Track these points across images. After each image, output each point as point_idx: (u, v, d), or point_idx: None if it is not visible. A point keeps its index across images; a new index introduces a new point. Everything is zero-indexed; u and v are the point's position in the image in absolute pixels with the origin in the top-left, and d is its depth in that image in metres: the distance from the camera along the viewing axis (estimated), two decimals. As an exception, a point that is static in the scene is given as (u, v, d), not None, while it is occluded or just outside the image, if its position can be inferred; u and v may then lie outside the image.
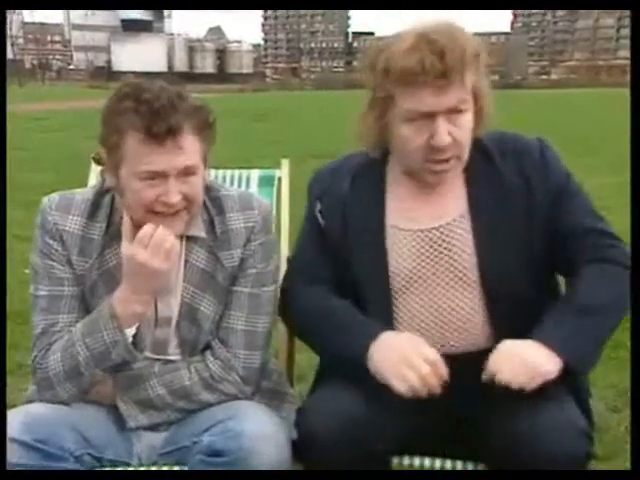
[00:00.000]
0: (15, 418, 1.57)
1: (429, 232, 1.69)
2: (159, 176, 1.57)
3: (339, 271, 1.74)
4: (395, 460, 1.70)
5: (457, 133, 1.60)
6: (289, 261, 1.90)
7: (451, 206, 1.70)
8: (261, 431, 1.56)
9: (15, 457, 1.51)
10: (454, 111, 1.58)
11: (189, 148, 1.58)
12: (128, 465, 1.70)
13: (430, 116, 1.58)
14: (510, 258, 1.65)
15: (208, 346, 1.76)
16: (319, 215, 1.78)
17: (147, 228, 1.60)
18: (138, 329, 1.70)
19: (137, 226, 1.65)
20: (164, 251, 1.60)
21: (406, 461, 1.70)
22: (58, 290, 1.70)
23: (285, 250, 2.21)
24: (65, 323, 1.69)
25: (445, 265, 1.68)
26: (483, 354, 1.54)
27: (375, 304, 1.70)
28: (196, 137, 1.60)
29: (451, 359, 1.56)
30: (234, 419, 1.59)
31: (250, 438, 1.53)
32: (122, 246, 1.66)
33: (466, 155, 1.66)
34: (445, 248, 1.68)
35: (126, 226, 1.68)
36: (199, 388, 1.71)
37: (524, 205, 1.66)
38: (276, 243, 1.88)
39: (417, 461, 1.70)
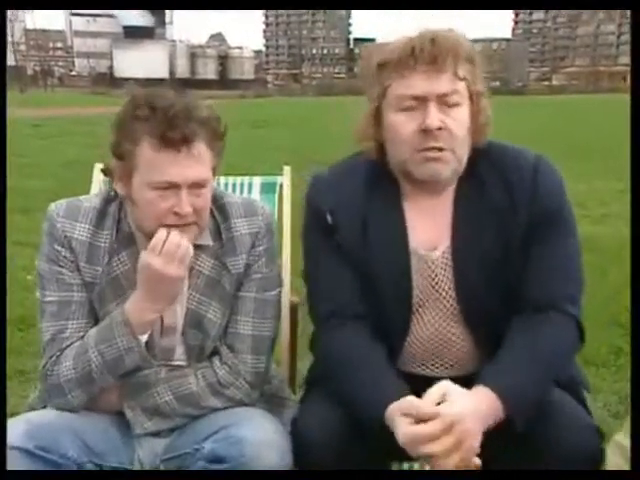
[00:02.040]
0: (16, 426, 1.57)
1: (432, 262, 1.67)
2: (172, 187, 1.58)
3: (359, 280, 1.68)
4: (394, 466, 1.71)
5: (451, 124, 1.58)
6: (307, 283, 1.78)
7: (443, 232, 1.68)
8: (263, 437, 1.56)
9: (17, 465, 1.51)
10: (447, 102, 1.58)
11: (202, 158, 1.59)
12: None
13: (422, 101, 1.57)
14: (485, 293, 1.64)
15: (215, 351, 1.76)
16: (333, 230, 1.69)
17: (160, 234, 1.60)
18: (149, 337, 1.70)
19: (148, 236, 1.66)
20: (178, 257, 1.60)
21: (405, 466, 1.71)
22: (67, 296, 1.69)
23: (287, 256, 2.20)
24: (74, 329, 1.69)
25: (440, 295, 1.68)
26: (472, 378, 1.56)
27: (395, 323, 1.69)
28: (208, 147, 1.60)
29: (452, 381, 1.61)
30: (236, 425, 1.59)
31: (252, 444, 1.54)
32: (141, 257, 1.64)
33: (464, 155, 1.63)
34: (440, 277, 1.67)
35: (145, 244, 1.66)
36: (206, 394, 1.71)
37: (507, 228, 1.63)
38: (277, 248, 1.88)
39: (416, 466, 1.71)
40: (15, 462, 1.51)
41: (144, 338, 1.67)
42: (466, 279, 1.65)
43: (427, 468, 1.50)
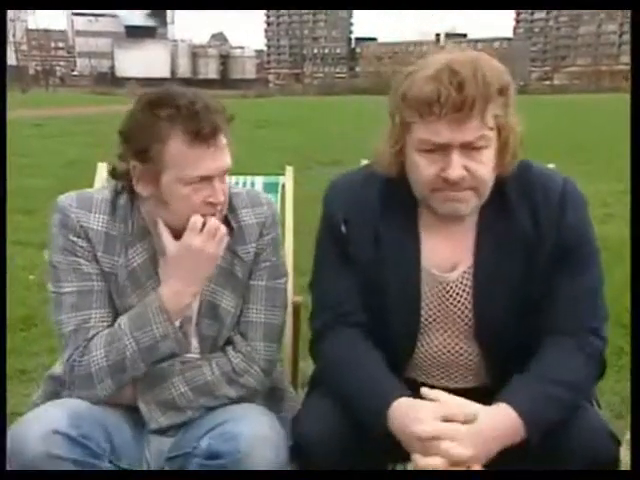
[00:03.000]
0: (58, 412, 1.57)
1: (447, 284, 1.67)
2: (205, 179, 1.61)
3: (367, 293, 1.68)
4: (390, 467, 1.71)
5: (474, 167, 1.53)
6: (312, 289, 1.78)
7: (465, 254, 1.66)
8: (258, 433, 1.57)
9: (60, 450, 1.51)
10: (471, 146, 1.52)
11: (225, 147, 1.64)
12: (136, 471, 1.70)
13: (444, 148, 1.52)
14: (503, 316, 1.63)
15: (228, 341, 1.78)
16: (345, 240, 1.69)
17: (198, 217, 1.63)
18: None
19: (177, 230, 1.67)
20: (218, 238, 1.64)
21: (400, 467, 1.71)
22: (87, 286, 1.69)
23: (290, 256, 2.20)
24: (98, 319, 1.68)
25: (452, 316, 1.68)
26: (483, 389, 1.60)
27: (402, 340, 1.70)
28: (225, 136, 1.64)
29: (454, 392, 1.63)
30: (232, 422, 1.60)
31: (247, 440, 1.54)
32: (167, 243, 1.66)
33: (486, 191, 1.60)
34: (454, 299, 1.67)
35: (164, 232, 1.68)
36: (221, 383, 1.72)
37: (529, 254, 1.61)
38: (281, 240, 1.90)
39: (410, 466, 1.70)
40: (58, 447, 1.51)
41: (177, 324, 1.68)
42: (485, 300, 1.64)
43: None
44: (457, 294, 1.67)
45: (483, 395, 1.55)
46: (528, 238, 1.61)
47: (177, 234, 1.66)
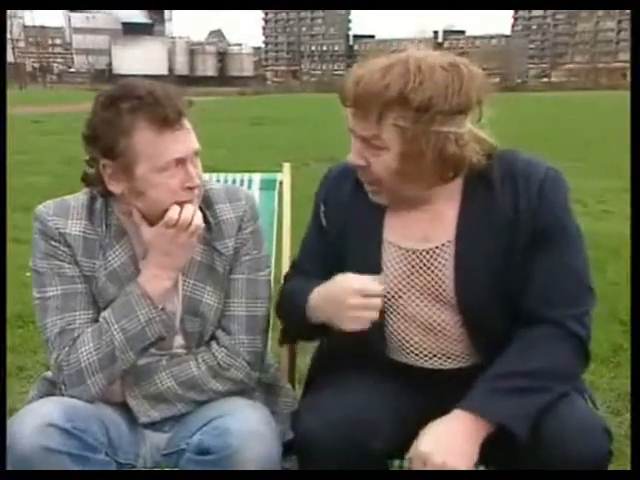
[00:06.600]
0: (52, 405, 1.58)
1: (418, 254, 1.69)
2: (178, 163, 1.62)
3: (335, 269, 1.71)
4: (391, 462, 1.70)
5: (371, 163, 1.60)
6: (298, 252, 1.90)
7: (441, 230, 1.68)
8: (248, 428, 1.57)
9: (55, 443, 1.51)
10: (369, 144, 1.58)
11: (190, 129, 1.65)
12: (133, 467, 1.70)
13: (355, 136, 1.60)
14: (485, 289, 1.63)
15: (213, 336, 1.78)
16: (322, 216, 1.81)
17: (174, 211, 1.63)
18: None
19: (152, 224, 1.67)
20: (191, 229, 1.65)
21: (405, 464, 1.70)
22: (71, 288, 1.70)
23: (287, 252, 2.21)
24: (84, 319, 1.70)
25: (427, 285, 1.69)
26: (471, 370, 1.61)
27: None
28: (189, 120, 1.65)
29: (444, 374, 1.68)
30: (222, 417, 1.60)
31: (237, 436, 1.54)
32: (143, 229, 1.67)
33: (395, 188, 1.62)
34: (429, 269, 1.68)
35: (139, 220, 1.68)
36: (208, 377, 1.73)
37: (510, 237, 1.62)
38: (264, 231, 1.91)
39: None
40: (53, 440, 1.51)
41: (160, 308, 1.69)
42: (467, 274, 1.64)
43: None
44: (432, 264, 1.68)
45: (468, 377, 1.56)
46: (509, 222, 1.62)
47: (154, 224, 1.67)
